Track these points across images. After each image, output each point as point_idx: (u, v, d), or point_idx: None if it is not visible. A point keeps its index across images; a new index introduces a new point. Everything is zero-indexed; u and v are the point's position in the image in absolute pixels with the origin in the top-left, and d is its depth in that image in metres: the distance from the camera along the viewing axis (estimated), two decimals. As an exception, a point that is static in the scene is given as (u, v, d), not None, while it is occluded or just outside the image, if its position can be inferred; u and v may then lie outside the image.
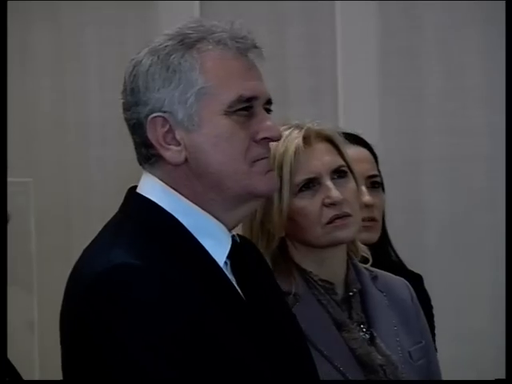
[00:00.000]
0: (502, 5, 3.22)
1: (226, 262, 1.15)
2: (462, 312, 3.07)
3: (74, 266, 1.11)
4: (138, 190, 1.15)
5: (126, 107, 1.13)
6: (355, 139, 1.98)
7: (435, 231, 3.21)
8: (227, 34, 1.10)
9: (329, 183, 1.53)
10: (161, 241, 1.10)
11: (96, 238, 1.15)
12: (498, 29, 3.26)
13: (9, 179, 2.46)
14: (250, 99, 1.09)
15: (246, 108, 1.10)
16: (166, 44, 1.10)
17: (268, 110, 1.15)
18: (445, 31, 3.37)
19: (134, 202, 1.16)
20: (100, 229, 1.16)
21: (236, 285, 1.16)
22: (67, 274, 1.11)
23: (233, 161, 1.10)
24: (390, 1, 3.42)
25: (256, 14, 3.38)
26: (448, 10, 3.35)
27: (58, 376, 1.15)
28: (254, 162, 1.11)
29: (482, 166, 3.24)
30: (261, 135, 1.10)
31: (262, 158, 1.12)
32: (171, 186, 1.12)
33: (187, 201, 1.12)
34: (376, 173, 2.00)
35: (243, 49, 1.11)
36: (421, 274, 2.15)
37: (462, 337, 3.02)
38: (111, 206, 1.27)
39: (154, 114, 1.09)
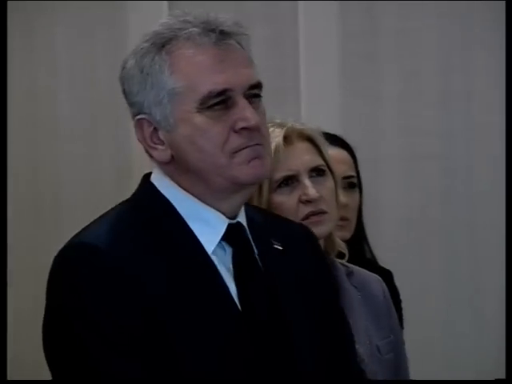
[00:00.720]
0: (461, 6, 3.36)
1: (224, 249, 1.13)
2: (416, 307, 3.12)
3: None
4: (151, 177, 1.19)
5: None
6: (335, 140, 2.06)
7: (391, 227, 3.31)
8: (198, 29, 1.09)
9: (306, 181, 1.58)
10: (148, 223, 1.12)
11: None
12: (456, 30, 3.36)
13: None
14: (223, 92, 1.08)
15: (222, 101, 1.08)
16: (142, 46, 1.11)
17: (256, 96, 1.13)
18: (404, 33, 3.45)
19: (141, 185, 1.20)
20: (69, 224, 1.22)
21: (229, 271, 1.12)
22: (37, 266, 1.18)
23: (211, 156, 1.09)
24: (351, 1, 3.50)
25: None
26: (406, 12, 3.44)
27: (32, 367, 1.21)
28: (235, 153, 1.10)
29: (436, 164, 3.35)
30: (238, 126, 1.08)
31: (243, 148, 1.10)
32: (170, 177, 1.15)
33: (182, 190, 1.14)
34: (353, 174, 2.05)
35: (215, 41, 1.09)
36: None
37: (414, 330, 3.06)
38: (81, 200, 1.33)
39: (139, 117, 1.13)
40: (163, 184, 1.16)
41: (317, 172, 1.64)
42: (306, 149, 1.65)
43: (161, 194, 1.15)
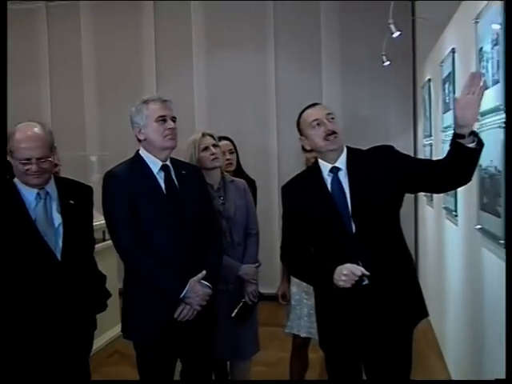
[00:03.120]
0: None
1: (162, 172, 2.45)
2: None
3: None
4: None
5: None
6: (223, 138, 3.47)
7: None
8: (156, 97, 2.51)
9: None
10: (133, 164, 2.49)
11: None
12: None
13: None
14: (163, 116, 2.46)
15: (163, 119, 2.45)
16: (138, 102, 2.50)
17: (174, 119, 2.49)
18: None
19: (135, 153, 2.54)
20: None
21: (163, 181, 2.44)
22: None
23: (157, 138, 2.46)
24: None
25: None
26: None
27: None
28: (165, 136, 2.46)
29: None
30: (168, 127, 2.45)
31: (168, 135, 2.45)
32: (143, 148, 2.51)
33: (147, 152, 2.49)
34: (232, 148, 3.50)
35: (162, 102, 2.48)
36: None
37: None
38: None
39: (134, 125, 2.51)
40: (142, 152, 2.53)
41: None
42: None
43: (140, 155, 2.53)
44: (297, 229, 2.35)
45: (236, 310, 2.96)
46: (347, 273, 2.13)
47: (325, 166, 2.29)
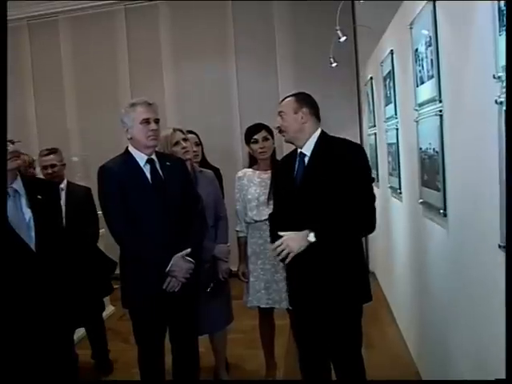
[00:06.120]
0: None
1: (148, 165, 2.50)
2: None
3: None
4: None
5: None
6: (190, 132, 3.37)
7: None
8: (142, 101, 2.52)
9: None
10: (123, 159, 2.52)
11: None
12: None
13: None
14: (146, 119, 2.50)
15: (147, 122, 2.49)
16: (126, 105, 2.53)
17: (157, 121, 2.52)
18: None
19: (125, 150, 2.58)
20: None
21: (149, 172, 2.48)
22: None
23: (141, 138, 2.49)
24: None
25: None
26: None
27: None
28: (148, 137, 2.50)
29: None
30: (150, 129, 2.49)
31: (151, 135, 2.49)
32: (131, 144, 2.55)
33: (134, 148, 2.53)
34: (198, 141, 3.40)
35: (147, 105, 2.51)
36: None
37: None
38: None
39: (123, 125, 2.54)
40: (130, 148, 2.58)
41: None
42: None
43: (129, 151, 2.58)
44: (275, 199, 2.56)
45: (211, 286, 2.98)
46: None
47: (298, 152, 2.40)
